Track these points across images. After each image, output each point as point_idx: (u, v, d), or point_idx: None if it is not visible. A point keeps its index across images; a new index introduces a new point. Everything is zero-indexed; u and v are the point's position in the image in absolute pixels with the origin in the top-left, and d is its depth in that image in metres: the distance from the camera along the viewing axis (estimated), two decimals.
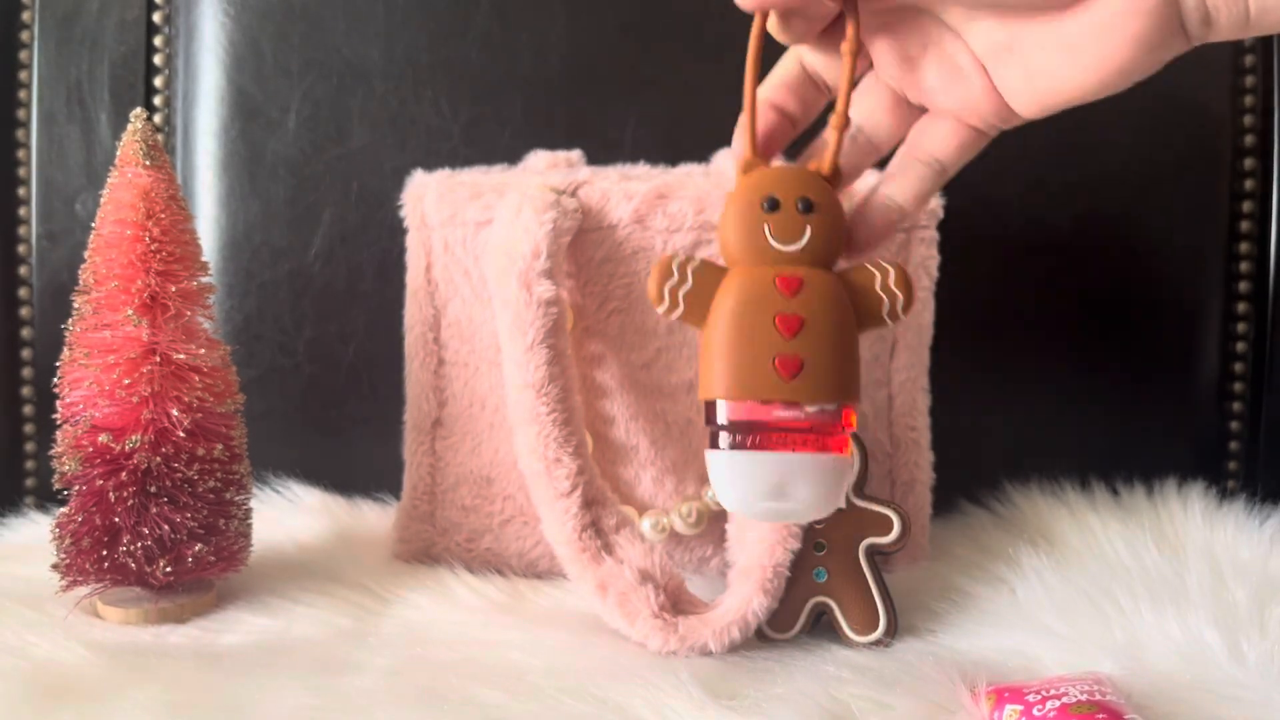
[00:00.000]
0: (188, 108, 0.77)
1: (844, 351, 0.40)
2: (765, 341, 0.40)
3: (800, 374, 0.39)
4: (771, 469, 0.40)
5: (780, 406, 0.40)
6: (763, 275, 0.40)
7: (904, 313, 0.42)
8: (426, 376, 0.65)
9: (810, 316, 0.40)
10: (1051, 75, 0.38)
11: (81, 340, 0.55)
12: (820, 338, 0.40)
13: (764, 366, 0.40)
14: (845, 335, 0.41)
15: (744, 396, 0.40)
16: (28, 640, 0.52)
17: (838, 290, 0.41)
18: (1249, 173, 0.78)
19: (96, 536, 0.54)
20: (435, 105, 0.75)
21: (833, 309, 0.40)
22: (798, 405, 0.40)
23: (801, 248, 0.41)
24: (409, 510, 0.66)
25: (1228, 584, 0.58)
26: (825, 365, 0.40)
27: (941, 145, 0.43)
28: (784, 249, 0.41)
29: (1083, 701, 0.43)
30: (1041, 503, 0.72)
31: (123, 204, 0.55)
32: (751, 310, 0.40)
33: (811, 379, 0.40)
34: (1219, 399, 0.79)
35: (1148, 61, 0.36)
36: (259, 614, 0.57)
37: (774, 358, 0.40)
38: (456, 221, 0.63)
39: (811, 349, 0.40)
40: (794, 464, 0.40)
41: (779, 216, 0.41)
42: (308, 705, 0.46)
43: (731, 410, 0.40)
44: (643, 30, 0.76)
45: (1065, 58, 0.37)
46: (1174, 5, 0.35)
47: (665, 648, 0.52)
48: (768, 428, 0.40)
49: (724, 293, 0.41)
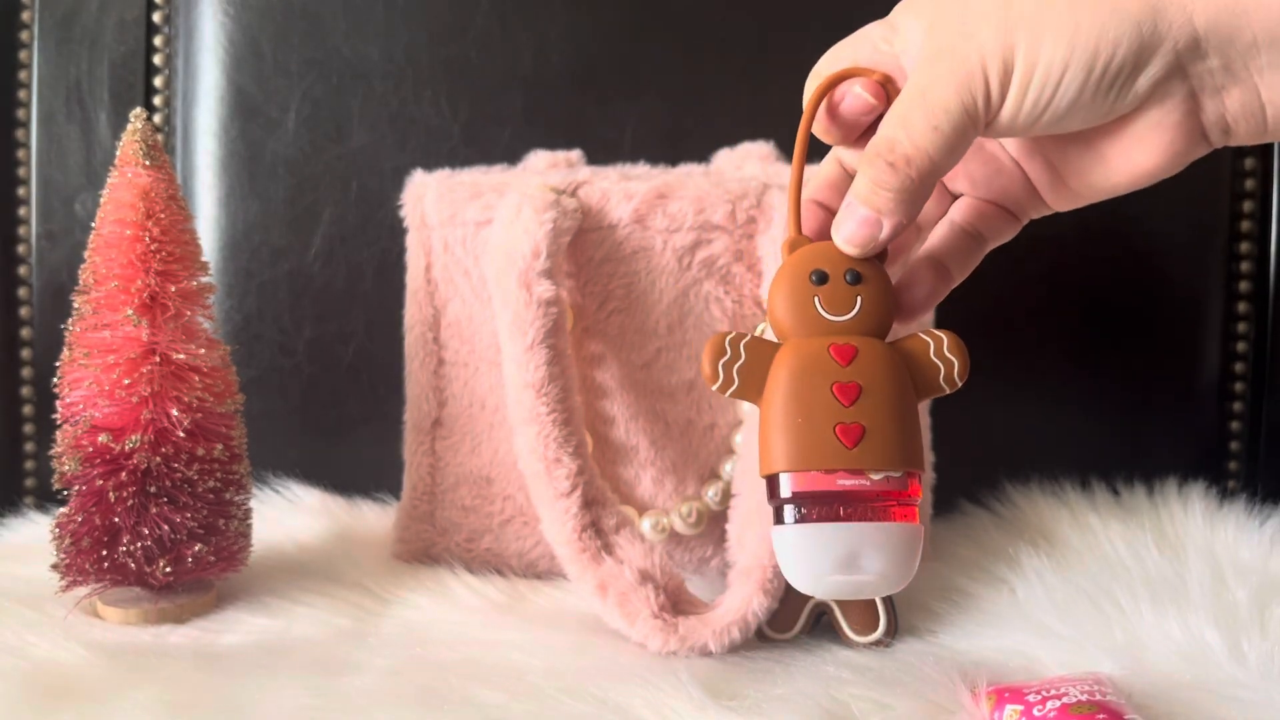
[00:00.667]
0: (187, 107, 0.77)
1: (904, 417, 0.40)
2: (824, 410, 0.39)
3: (863, 441, 0.39)
4: (841, 540, 0.38)
5: (845, 475, 0.39)
6: (817, 345, 0.40)
7: (960, 379, 0.41)
8: (426, 376, 0.65)
9: (867, 384, 0.39)
10: (1085, 177, 0.40)
11: (81, 340, 0.55)
12: (879, 404, 0.39)
13: (825, 435, 0.39)
14: (904, 401, 0.40)
15: (807, 467, 0.38)
16: (27, 640, 0.52)
17: (893, 357, 0.40)
18: (1249, 173, 0.78)
19: (96, 536, 0.54)
20: (435, 105, 0.75)
21: (889, 375, 0.40)
22: (863, 473, 0.39)
23: (853, 318, 0.40)
24: (409, 510, 0.66)
25: (1228, 584, 0.58)
26: (887, 432, 0.39)
27: (981, 222, 0.44)
28: (836, 320, 0.40)
29: (1083, 702, 0.43)
30: (1042, 503, 0.72)
31: (122, 204, 0.55)
32: (808, 380, 0.39)
33: (874, 446, 0.39)
34: (1219, 399, 0.79)
35: (1173, 166, 0.38)
36: (259, 614, 0.57)
37: (834, 426, 0.39)
38: (456, 221, 0.63)
39: (871, 416, 0.39)
40: (864, 534, 0.38)
41: (828, 289, 0.40)
42: (307, 705, 0.46)
43: (795, 482, 0.39)
44: (643, 30, 0.76)
45: (1098, 165, 0.39)
46: (1196, 119, 0.37)
47: (665, 648, 0.52)
48: (834, 498, 0.38)
49: (778, 365, 0.40)
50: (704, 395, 0.60)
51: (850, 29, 0.44)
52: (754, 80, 0.76)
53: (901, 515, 0.39)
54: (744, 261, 0.59)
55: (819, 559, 0.38)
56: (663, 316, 0.60)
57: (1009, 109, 0.37)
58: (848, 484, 0.39)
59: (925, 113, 0.37)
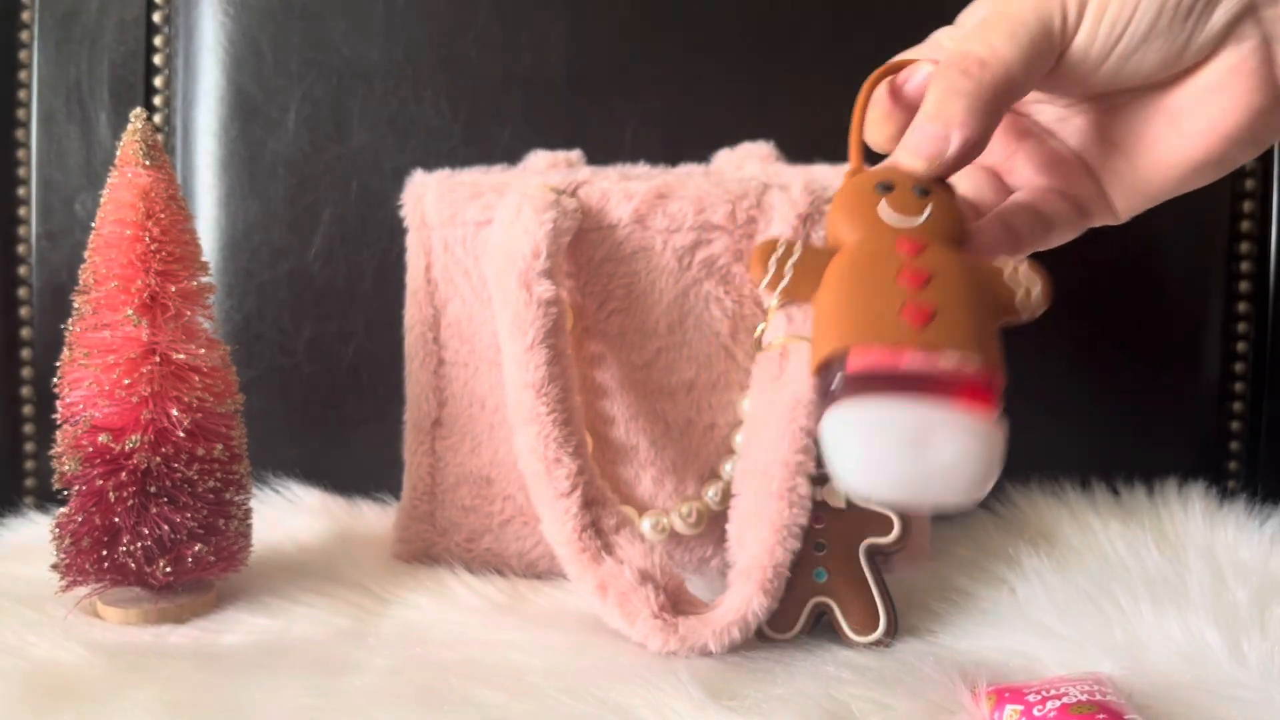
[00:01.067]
0: (187, 107, 0.77)
1: (981, 310, 0.34)
2: (890, 293, 0.34)
3: (934, 321, 0.33)
4: (909, 418, 0.32)
5: (913, 353, 0.32)
6: (883, 235, 0.35)
7: (1039, 306, 0.37)
8: (426, 376, 0.65)
9: (939, 274, 0.34)
10: (1156, 150, 0.38)
11: (81, 340, 0.55)
12: (952, 291, 0.34)
13: (891, 314, 0.33)
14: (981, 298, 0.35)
15: (869, 342, 0.32)
16: (27, 640, 0.52)
17: (966, 262, 0.35)
18: (1249, 173, 0.78)
19: (96, 536, 0.54)
20: (435, 105, 0.75)
21: (963, 273, 0.35)
22: (934, 355, 0.33)
23: (921, 223, 0.36)
24: (409, 510, 0.66)
25: (1228, 584, 0.58)
26: (961, 316, 0.33)
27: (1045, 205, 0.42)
28: (902, 221, 0.36)
29: (1083, 702, 0.43)
30: (1042, 503, 0.72)
31: (122, 204, 0.55)
32: (871, 268, 0.34)
33: (946, 326, 0.33)
34: (1220, 399, 0.79)
35: (1251, 129, 0.37)
36: (259, 614, 0.57)
37: (902, 306, 0.33)
38: (456, 221, 0.63)
39: (943, 299, 0.33)
40: (935, 415, 0.32)
41: (894, 195, 0.36)
42: (307, 705, 0.46)
43: (854, 360, 0.32)
44: (643, 30, 0.76)
45: (1170, 129, 0.38)
46: (1271, 71, 0.36)
47: (665, 648, 0.52)
48: (899, 377, 0.32)
49: (837, 259, 0.35)
50: (704, 395, 0.60)
51: (850, 28, 0.44)
52: (754, 80, 0.76)
53: (979, 409, 0.33)
54: (744, 262, 0.59)
55: (881, 440, 0.32)
56: (663, 316, 0.60)
57: (1084, 34, 0.36)
58: (916, 365, 0.32)
59: (1002, 24, 0.36)
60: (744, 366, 0.60)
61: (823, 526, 0.55)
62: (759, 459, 0.55)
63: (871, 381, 0.32)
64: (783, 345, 0.56)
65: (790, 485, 0.53)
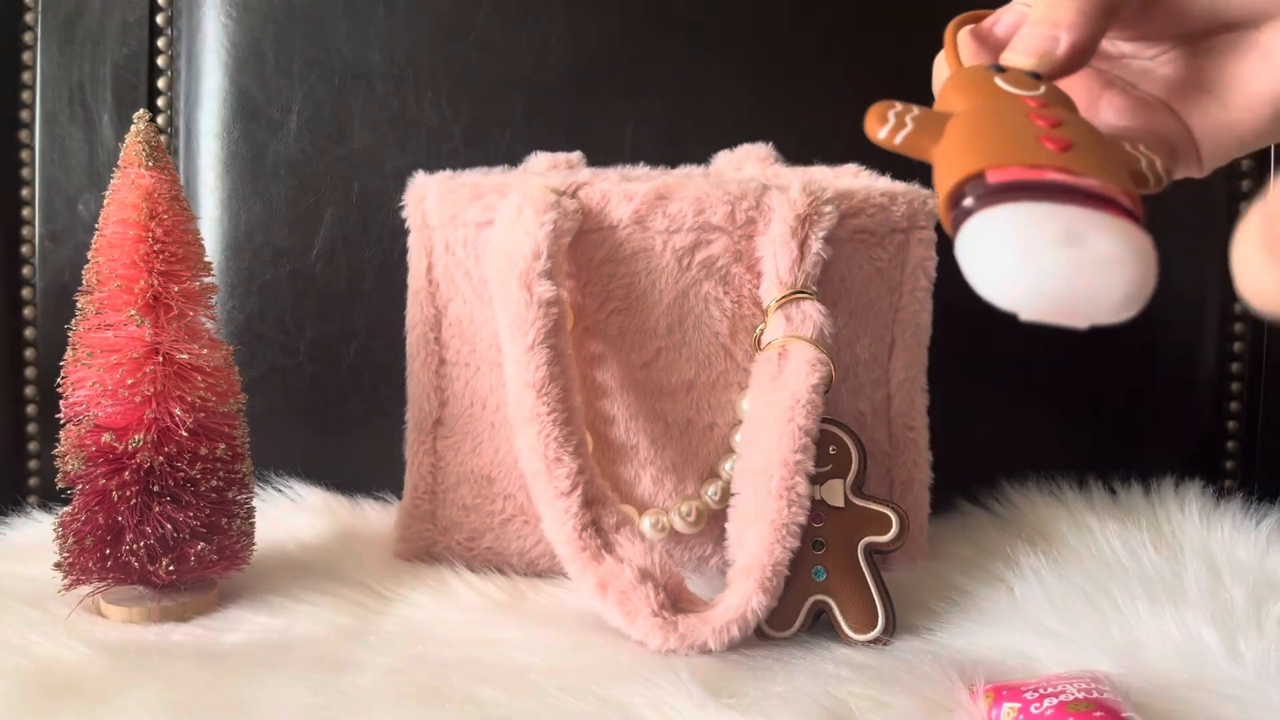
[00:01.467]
0: (190, 109, 0.77)
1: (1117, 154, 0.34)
2: (1025, 124, 0.33)
3: (1072, 149, 0.32)
4: (1060, 215, 0.30)
5: (1053, 171, 0.31)
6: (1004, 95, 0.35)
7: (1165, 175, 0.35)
8: (428, 376, 0.65)
9: (1067, 121, 0.33)
10: (1250, 88, 0.37)
11: (85, 340, 0.56)
12: (1085, 133, 0.33)
13: (1029, 140, 0.32)
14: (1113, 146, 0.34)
15: (1008, 163, 0.31)
16: (30, 639, 0.52)
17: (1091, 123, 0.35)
18: (1248, 173, 0.78)
19: (99, 535, 0.55)
20: (436, 106, 0.76)
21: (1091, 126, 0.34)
22: (1075, 172, 0.31)
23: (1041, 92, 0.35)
24: (410, 509, 0.66)
25: (1225, 583, 0.58)
26: (1098, 149, 0.32)
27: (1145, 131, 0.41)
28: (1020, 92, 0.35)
29: (1080, 699, 0.43)
30: (1039, 502, 0.72)
31: (125, 205, 0.56)
32: (1001, 111, 0.34)
33: (1085, 154, 0.32)
34: (1217, 398, 0.80)
35: None
36: (261, 613, 0.57)
37: (1038, 135, 0.32)
38: (458, 222, 0.63)
39: (1078, 135, 0.33)
40: (1089, 216, 0.30)
41: (1009, 75, 0.36)
42: (309, 704, 0.46)
43: (993, 175, 0.31)
44: (643, 30, 0.77)
45: (1265, 63, 0.37)
46: None
47: (665, 646, 0.52)
48: (1045, 185, 0.30)
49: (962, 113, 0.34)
50: (704, 395, 0.61)
51: (849, 29, 0.43)
52: (754, 80, 0.76)
53: (1133, 217, 0.31)
54: (743, 262, 0.59)
55: (1035, 233, 0.30)
56: (663, 316, 0.60)
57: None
58: (1060, 177, 0.31)
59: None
60: (743, 366, 0.60)
61: (821, 525, 0.56)
62: (758, 458, 0.55)
63: (1015, 190, 0.30)
64: (781, 345, 0.57)
65: (789, 484, 0.53)
